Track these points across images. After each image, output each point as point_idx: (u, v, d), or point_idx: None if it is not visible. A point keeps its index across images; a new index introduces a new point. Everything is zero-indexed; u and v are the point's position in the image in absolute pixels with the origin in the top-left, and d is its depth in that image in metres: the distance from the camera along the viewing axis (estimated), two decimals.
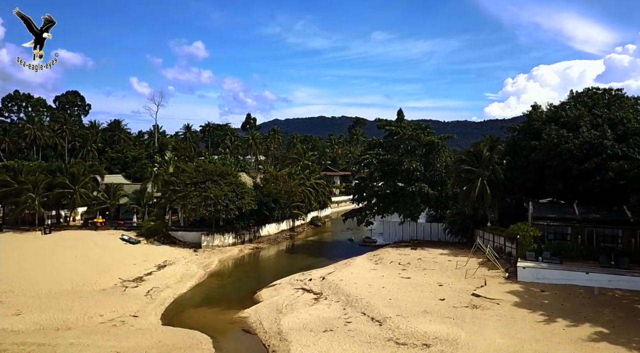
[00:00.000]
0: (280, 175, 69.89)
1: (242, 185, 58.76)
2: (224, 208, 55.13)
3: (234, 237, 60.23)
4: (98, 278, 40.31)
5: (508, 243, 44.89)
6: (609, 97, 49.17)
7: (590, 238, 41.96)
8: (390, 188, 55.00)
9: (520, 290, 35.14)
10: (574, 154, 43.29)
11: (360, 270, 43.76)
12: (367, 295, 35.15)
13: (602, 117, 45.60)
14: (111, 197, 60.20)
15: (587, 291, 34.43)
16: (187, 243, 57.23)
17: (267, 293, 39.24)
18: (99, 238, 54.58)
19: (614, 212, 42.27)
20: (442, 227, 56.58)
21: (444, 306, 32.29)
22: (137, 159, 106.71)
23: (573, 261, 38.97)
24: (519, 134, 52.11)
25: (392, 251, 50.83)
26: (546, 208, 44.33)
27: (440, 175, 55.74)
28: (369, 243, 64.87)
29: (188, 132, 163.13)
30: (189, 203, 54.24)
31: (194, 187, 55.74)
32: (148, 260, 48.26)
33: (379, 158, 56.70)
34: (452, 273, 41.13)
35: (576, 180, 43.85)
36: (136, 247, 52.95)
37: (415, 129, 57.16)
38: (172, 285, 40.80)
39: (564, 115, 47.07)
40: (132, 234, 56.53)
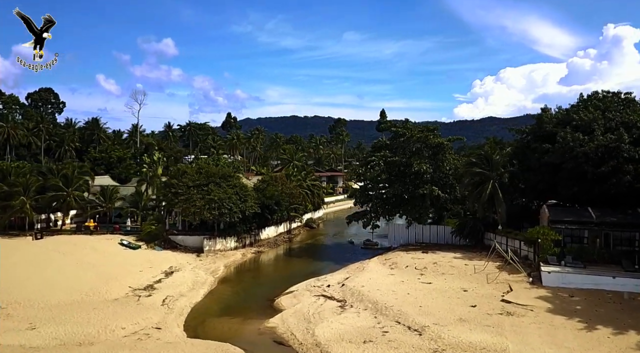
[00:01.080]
0: (280, 176, 68.39)
1: (244, 188, 57.11)
2: (228, 212, 53.40)
3: (235, 240, 58.48)
4: (107, 286, 38.17)
5: (524, 246, 44.55)
6: (617, 100, 49.48)
7: (607, 242, 42.06)
8: (398, 191, 54.20)
9: (549, 295, 34.71)
10: (590, 157, 43.34)
11: (377, 275, 42.77)
12: (394, 302, 34.19)
13: (615, 120, 45.88)
14: (107, 200, 57.63)
15: (615, 296, 34.20)
16: (188, 247, 55.22)
17: (287, 301, 37.86)
18: (97, 243, 52.11)
19: (629, 215, 42.49)
20: (449, 229, 56.16)
21: (477, 313, 31.55)
22: (122, 159, 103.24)
23: (594, 265, 38.87)
24: (528, 136, 52.09)
25: (404, 255, 50.01)
26: (563, 212, 44.26)
27: (448, 178, 55.29)
28: (371, 246, 64.03)
29: (169, 131, 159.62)
30: (192, 206, 52.27)
31: (196, 189, 53.83)
32: (153, 266, 46.19)
33: (386, 160, 55.88)
34: (472, 278, 40.53)
35: (591, 183, 43.88)
36: (137, 253, 50.72)
37: (423, 131, 56.56)
38: (186, 293, 38.99)
39: (576, 119, 47.12)
40: (131, 239, 54.18)
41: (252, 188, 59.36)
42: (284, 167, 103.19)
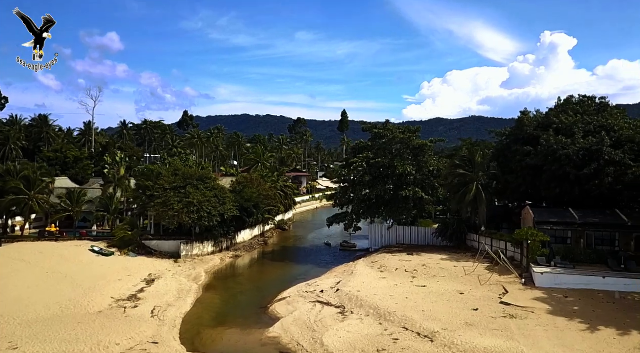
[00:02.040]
0: (256, 178, 66.59)
1: (223, 190, 55.06)
2: (207, 216, 51.26)
3: (213, 245, 56.30)
4: (87, 298, 35.46)
5: (511, 247, 45.16)
6: (593, 104, 51.18)
7: (589, 242, 43.26)
8: (381, 193, 53.82)
9: (545, 296, 35.15)
10: (572, 159, 44.48)
11: (369, 279, 42.09)
12: (396, 307, 33.57)
13: (593, 124, 47.38)
14: (74, 203, 53.95)
15: (607, 296, 35.08)
16: (164, 253, 52.59)
17: (283, 308, 36.51)
18: (65, 251, 48.66)
19: (609, 216, 43.88)
20: (430, 231, 56.41)
21: (481, 317, 31.40)
22: (78, 159, 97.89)
23: (582, 265, 39.81)
24: (508, 138, 53.02)
25: (390, 257, 49.65)
26: (547, 213, 45.16)
27: (430, 179, 55.47)
28: (349, 248, 63.53)
29: (125, 130, 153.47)
30: (170, 210, 49.78)
31: (173, 192, 51.34)
32: (132, 274, 43.56)
33: (369, 161, 55.36)
34: (465, 280, 40.62)
35: (573, 185, 45.06)
36: (111, 260, 47.73)
37: (405, 132, 56.44)
38: (174, 303, 36.82)
39: (556, 122, 48.36)
40: (103, 245, 51.03)
41: (230, 191, 57.26)
42: (251, 168, 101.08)
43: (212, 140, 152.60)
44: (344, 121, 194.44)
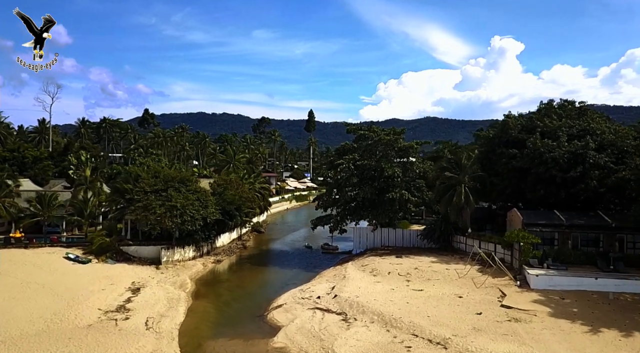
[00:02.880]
0: (235, 179, 64.78)
1: (205, 193, 53.15)
2: (190, 219, 49.31)
3: (194, 250, 54.25)
4: (73, 310, 33.15)
5: (500, 249, 45.64)
6: (573, 108, 52.55)
7: (574, 243, 44.28)
8: (368, 195, 53.35)
9: (543, 298, 35.57)
10: (558, 162, 45.44)
11: (364, 283, 41.49)
12: (399, 313, 33.12)
13: (575, 127, 48.63)
14: (45, 207, 50.62)
15: (600, 296, 35.84)
16: (143, 259, 50.17)
17: (282, 316, 35.33)
18: (37, 258, 45.60)
19: (593, 217, 45.06)
20: (415, 233, 56.52)
21: (487, 321, 31.38)
22: (38, 159, 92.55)
23: (572, 266, 40.62)
24: (493, 141, 53.69)
25: (379, 260, 49.28)
26: (535, 215, 45.84)
27: (416, 181, 55.48)
28: (332, 251, 62.80)
29: (83, 128, 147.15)
30: (152, 214, 47.52)
31: (154, 195, 49.07)
32: (114, 283, 41.20)
33: (355, 163, 54.79)
34: (459, 283, 40.68)
35: (558, 187, 46.06)
36: (89, 268, 45.07)
37: (390, 134, 56.21)
38: (165, 313, 34.96)
39: (540, 125, 49.33)
40: (78, 252, 48.17)
41: (211, 193, 55.34)
42: (222, 169, 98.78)
43: (177, 140, 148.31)
44: (311, 121, 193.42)
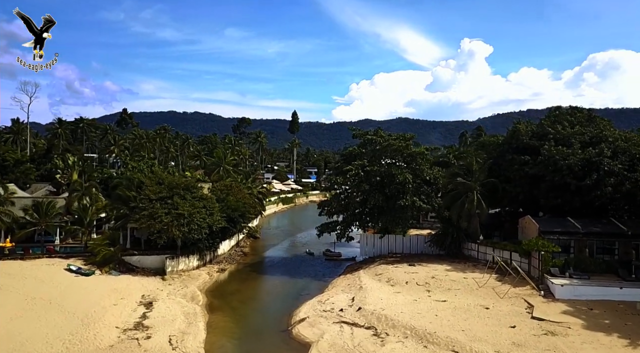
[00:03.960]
0: (235, 185, 62.97)
1: (211, 200, 51.31)
2: (197, 228, 47.45)
3: (198, 259, 52.35)
4: (90, 330, 31.09)
5: (516, 257, 45.18)
6: (583, 116, 52.74)
7: (590, 251, 44.30)
8: (379, 201, 52.38)
9: (571, 309, 35.22)
10: (573, 169, 45.40)
11: (385, 294, 40.48)
12: (431, 327, 32.22)
13: (587, 134, 48.75)
14: (42, 216, 47.86)
15: (628, 307, 35.65)
16: (147, 269, 48.00)
17: (307, 331, 33.96)
18: (37, 271, 43.03)
19: (608, 225, 45.19)
20: (422, 239, 55.95)
21: (524, 335, 30.75)
22: (19, 162, 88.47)
23: (593, 275, 40.47)
24: (502, 147, 53.48)
25: (393, 268, 48.37)
26: (550, 222, 45.73)
27: (424, 187, 54.78)
28: (335, 257, 61.68)
29: (60, 129, 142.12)
30: (158, 223, 45.47)
31: (159, 203, 47.01)
32: (124, 297, 39.12)
33: (365, 169, 53.75)
34: (482, 293, 40.07)
35: (573, 195, 46.04)
36: (93, 280, 42.75)
37: (398, 139, 55.35)
38: (186, 329, 33.20)
39: (552, 132, 49.30)
40: (79, 263, 45.73)
41: (216, 200, 53.45)
42: (212, 172, 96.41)
43: (160, 141, 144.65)
44: (294, 122, 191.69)
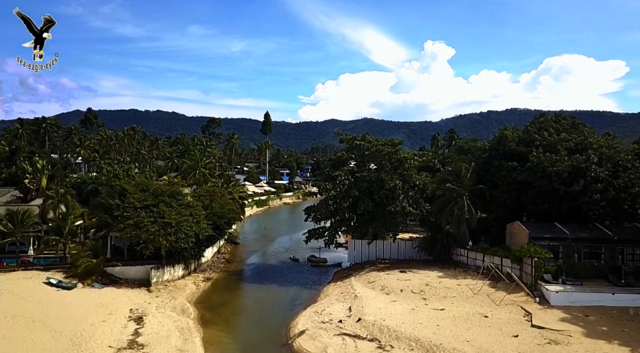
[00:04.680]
0: (218, 191, 61.30)
1: (197, 207, 49.66)
2: (184, 237, 45.80)
3: (183, 268, 50.61)
4: (81, 351, 29.27)
5: (507, 263, 45.53)
6: (567, 123, 53.78)
7: (578, 256, 45.09)
8: (368, 207, 51.93)
9: (568, 317, 35.59)
10: (562, 176, 46.17)
11: (382, 303, 40.00)
12: (435, 338, 31.92)
13: (571, 141, 49.69)
14: (18, 226, 45.04)
15: (621, 312, 36.30)
16: (130, 280, 45.97)
17: (309, 345, 33.01)
18: (15, 286, 40.35)
19: (594, 230, 46.12)
20: (410, 245, 55.91)
21: (528, 344, 30.81)
22: None
23: (584, 281, 41.10)
24: (490, 153, 53.96)
25: (385, 276, 48.00)
26: (539, 228, 46.28)
27: (412, 193, 54.69)
28: (321, 264, 60.94)
29: (22, 129, 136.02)
30: (144, 232, 43.59)
31: (144, 211, 45.10)
32: (111, 312, 37.18)
33: (354, 175, 53.19)
34: (477, 300, 40.17)
35: (561, 200, 46.82)
36: (75, 294, 40.50)
37: (386, 144, 55.03)
38: (183, 347, 31.74)
39: (539, 139, 50.04)
40: (59, 276, 43.35)
41: (202, 207, 51.78)
42: (189, 175, 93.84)
43: (128, 142, 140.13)
44: (267, 123, 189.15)
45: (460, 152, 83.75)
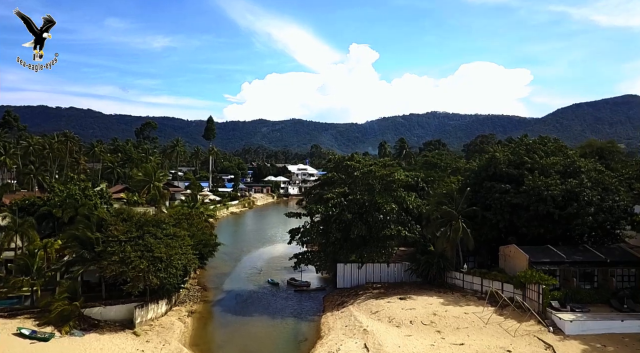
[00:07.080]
0: (196, 213, 56.81)
1: (184, 237, 45.37)
2: (175, 272, 41.55)
3: (166, 303, 46.09)
4: None
5: (509, 288, 45.34)
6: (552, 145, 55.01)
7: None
8: (362, 232, 50.07)
9: (587, 348, 35.76)
10: (556, 200, 46.94)
11: (397, 339, 38.19)
12: None
13: (560, 164, 50.81)
14: None
15: (633, 340, 37.01)
16: (110, 322, 41.09)
17: None
18: None
19: (585, 252, 47.23)
20: (401, 267, 54.76)
21: None
22: None
23: (589, 306, 41.73)
24: (480, 174, 53.96)
25: (386, 304, 46.27)
26: (535, 252, 46.57)
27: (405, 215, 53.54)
28: (305, 288, 58.21)
29: None
30: (132, 270, 38.86)
31: (129, 245, 40.32)
32: None
33: (347, 198, 51.06)
34: (492, 331, 39.51)
35: (555, 224, 47.62)
36: (56, 347, 35.15)
37: (381, 166, 53.45)
38: None
39: (529, 161, 50.71)
40: (30, 323, 37.60)
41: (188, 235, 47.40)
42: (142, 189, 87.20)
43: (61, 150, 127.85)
44: (210, 128, 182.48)
45: (429, 167, 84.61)
